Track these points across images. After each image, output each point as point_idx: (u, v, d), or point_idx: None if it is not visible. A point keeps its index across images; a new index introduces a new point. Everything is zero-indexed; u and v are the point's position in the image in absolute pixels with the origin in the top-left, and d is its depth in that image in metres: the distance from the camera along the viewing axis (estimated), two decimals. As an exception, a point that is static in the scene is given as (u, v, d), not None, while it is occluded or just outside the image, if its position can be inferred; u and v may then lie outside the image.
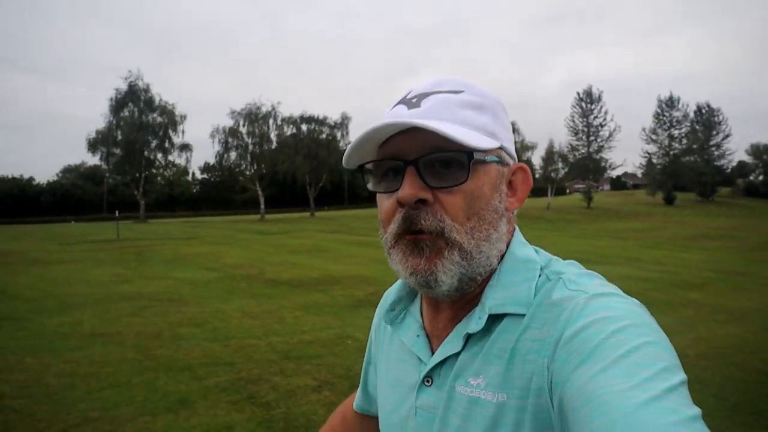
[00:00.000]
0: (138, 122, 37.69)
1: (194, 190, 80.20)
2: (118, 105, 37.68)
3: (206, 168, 73.05)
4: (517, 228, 0.71)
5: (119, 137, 37.48)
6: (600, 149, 52.14)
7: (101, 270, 10.85)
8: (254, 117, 38.94)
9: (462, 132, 0.61)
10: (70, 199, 68.97)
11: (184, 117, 39.91)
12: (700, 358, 4.76)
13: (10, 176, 71.75)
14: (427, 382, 0.69)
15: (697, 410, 0.46)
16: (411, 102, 0.66)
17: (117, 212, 25.92)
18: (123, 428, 3.26)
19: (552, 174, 49.97)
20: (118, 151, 38.25)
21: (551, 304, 0.61)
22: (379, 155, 0.67)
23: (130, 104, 37.83)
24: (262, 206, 40.27)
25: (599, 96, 52.38)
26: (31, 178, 73.83)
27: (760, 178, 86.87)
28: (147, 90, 38.23)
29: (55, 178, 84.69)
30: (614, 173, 55.45)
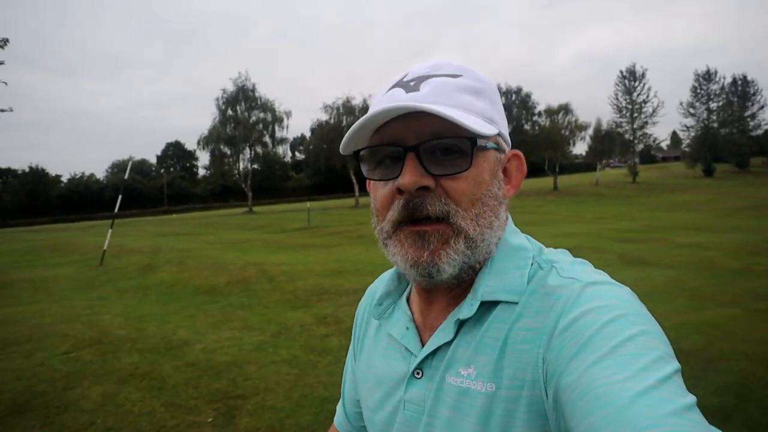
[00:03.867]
0: (250, 119, 40.97)
1: (229, 180, 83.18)
2: (227, 104, 40.87)
3: (256, 158, 76.33)
4: (509, 216, 0.71)
5: (231, 134, 40.62)
6: (644, 125, 54.41)
7: (374, 252, 13.67)
8: (347, 110, 41.85)
9: (466, 117, 0.60)
10: (132, 193, 70.94)
11: (289, 113, 43.22)
12: None
13: (75, 174, 75.40)
14: (417, 374, 0.68)
15: (691, 398, 0.47)
16: (409, 85, 0.65)
17: (309, 205, 28.39)
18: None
19: (602, 151, 52.34)
20: (222, 147, 41.67)
21: (545, 293, 0.61)
22: (375, 141, 0.65)
23: (236, 104, 40.92)
24: (357, 193, 42.82)
25: (643, 73, 54.34)
26: (92, 175, 77.60)
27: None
28: (253, 90, 41.39)
29: (104, 174, 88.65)
30: (638, 147, 57.53)
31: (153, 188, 75.08)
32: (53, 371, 4.20)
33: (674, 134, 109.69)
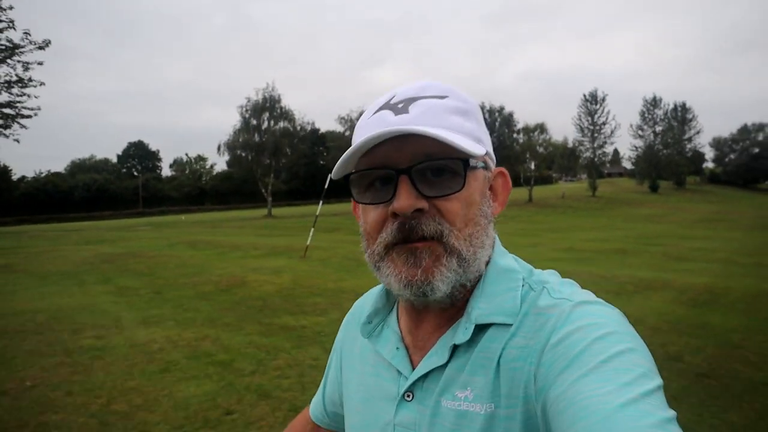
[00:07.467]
0: (278, 129, 42.64)
1: (206, 183, 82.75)
2: (252, 113, 42.02)
3: (235, 161, 76.76)
4: (496, 236, 0.72)
5: (252, 141, 41.99)
6: (603, 144, 60.86)
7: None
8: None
9: (459, 138, 0.61)
10: (104, 194, 70.15)
11: (312, 124, 46.02)
12: None
13: (40, 172, 72.97)
14: (408, 396, 0.68)
15: (672, 413, 0.48)
16: (397, 107, 0.65)
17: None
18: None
19: (568, 167, 58.24)
20: (241, 152, 43.34)
21: (537, 313, 0.62)
22: (363, 164, 0.65)
23: (262, 114, 42.13)
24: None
25: (603, 98, 60.55)
26: (59, 173, 75.09)
27: (711, 165, 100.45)
28: (279, 100, 42.67)
29: (63, 172, 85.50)
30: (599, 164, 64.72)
31: (125, 189, 73.08)
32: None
33: (615, 151, 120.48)
